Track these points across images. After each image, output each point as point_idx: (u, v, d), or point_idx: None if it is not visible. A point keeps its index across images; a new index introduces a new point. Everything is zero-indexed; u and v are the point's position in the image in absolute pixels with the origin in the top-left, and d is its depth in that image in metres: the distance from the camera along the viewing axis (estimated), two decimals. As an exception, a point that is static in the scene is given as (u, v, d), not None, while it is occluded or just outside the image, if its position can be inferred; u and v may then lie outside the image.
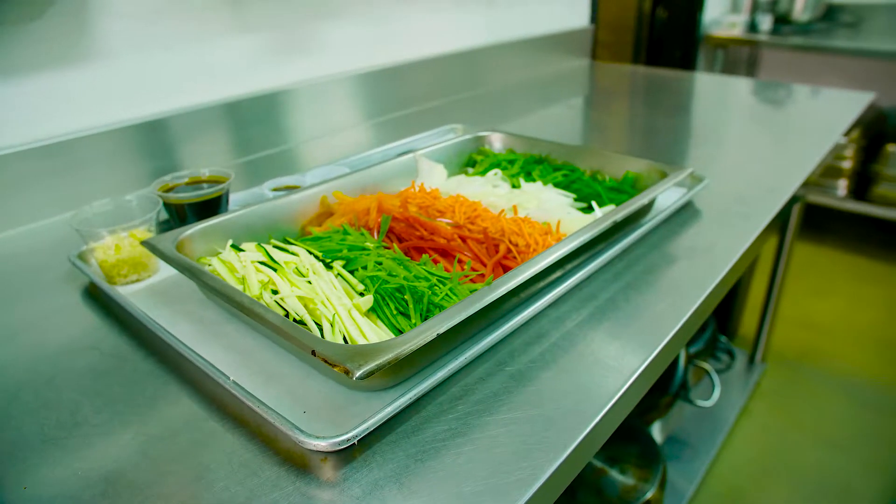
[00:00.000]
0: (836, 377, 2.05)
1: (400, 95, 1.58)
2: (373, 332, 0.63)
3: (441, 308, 0.64)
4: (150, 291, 0.78)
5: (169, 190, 0.87)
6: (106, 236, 0.76)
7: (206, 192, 0.85)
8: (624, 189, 0.95)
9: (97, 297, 0.78)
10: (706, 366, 1.72)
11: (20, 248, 0.91)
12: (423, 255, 0.75)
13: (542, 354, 0.64)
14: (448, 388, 0.60)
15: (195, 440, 0.55)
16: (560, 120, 1.56)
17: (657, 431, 1.68)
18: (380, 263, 0.72)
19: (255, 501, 0.48)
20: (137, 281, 0.79)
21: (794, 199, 1.07)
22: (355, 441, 0.52)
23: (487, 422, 0.55)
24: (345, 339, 0.61)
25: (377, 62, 1.49)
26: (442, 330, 0.55)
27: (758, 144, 1.32)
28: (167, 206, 0.85)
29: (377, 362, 0.50)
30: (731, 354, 2.01)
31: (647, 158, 0.97)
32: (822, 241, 2.87)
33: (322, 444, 0.51)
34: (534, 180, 1.01)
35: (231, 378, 0.58)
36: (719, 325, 2.08)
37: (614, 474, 1.25)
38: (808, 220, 2.83)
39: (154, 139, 1.10)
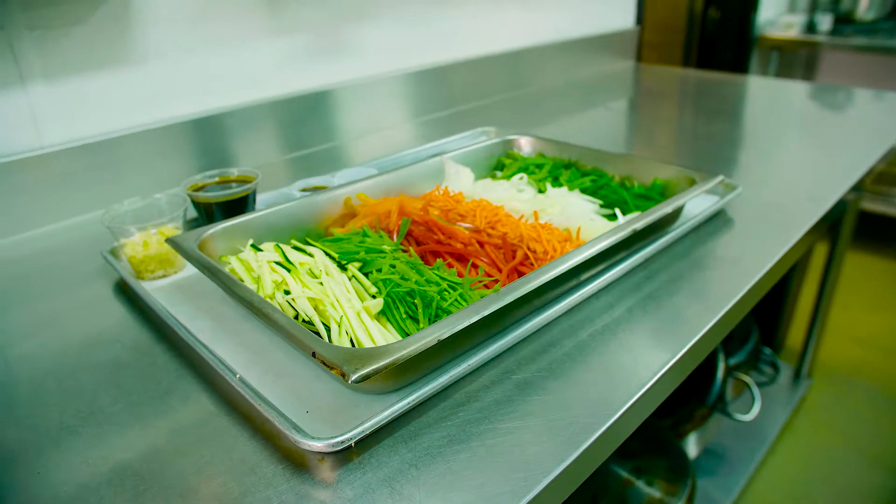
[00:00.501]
0: (887, 396, 1.95)
1: (442, 96, 1.59)
2: (380, 335, 0.63)
3: (449, 313, 0.64)
4: (174, 287, 0.80)
5: (199, 189, 0.90)
6: (135, 233, 0.79)
7: (233, 192, 0.87)
8: (652, 196, 0.93)
9: (125, 292, 0.81)
10: (746, 378, 1.67)
11: (60, 243, 0.96)
12: (438, 260, 0.75)
13: (551, 364, 0.63)
14: (451, 394, 0.60)
15: (201, 435, 0.57)
16: (599, 123, 1.53)
17: (692, 444, 1.64)
18: (393, 267, 0.72)
19: (249, 497, 0.49)
20: (164, 277, 0.82)
21: (839, 209, 1.03)
22: (352, 443, 0.53)
23: (487, 430, 0.55)
24: (352, 341, 0.62)
25: (416, 63, 1.50)
26: (443, 336, 0.55)
27: (806, 151, 1.27)
28: (196, 204, 0.88)
29: (373, 367, 0.51)
30: (776, 368, 1.94)
31: (687, 165, 0.95)
32: (879, 252, 2.74)
33: (317, 445, 0.51)
34: (560, 185, 0.99)
35: (238, 375, 0.59)
36: (764, 336, 2.01)
37: (640, 486, 1.22)
38: (865, 229, 2.71)
39: (195, 138, 1.14)
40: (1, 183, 0.94)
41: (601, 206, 0.94)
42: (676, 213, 0.87)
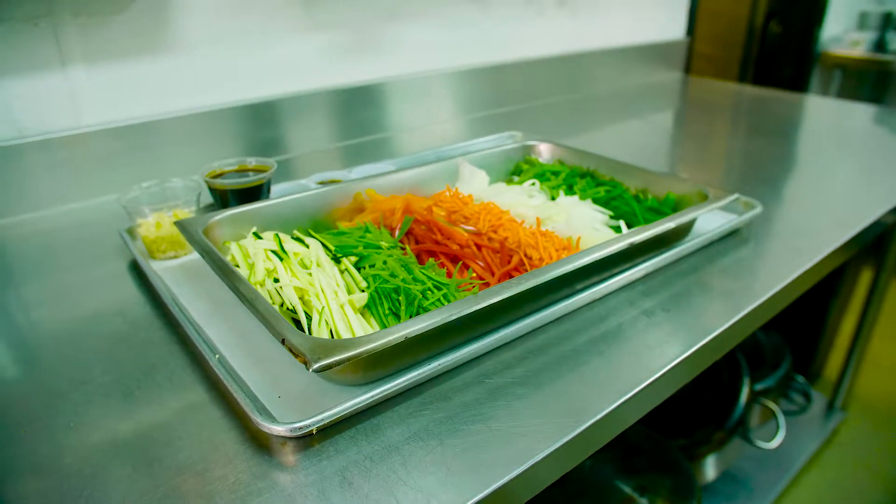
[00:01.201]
0: (930, 437, 1.85)
1: (488, 96, 1.60)
2: (361, 328, 0.64)
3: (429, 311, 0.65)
4: (182, 268, 0.84)
5: (217, 176, 0.93)
6: (148, 214, 0.83)
7: (247, 180, 0.90)
8: (663, 210, 0.91)
9: (137, 270, 0.85)
10: (772, 405, 1.61)
11: (89, 218, 1.01)
12: (430, 259, 0.76)
13: (528, 372, 0.63)
14: (422, 392, 0.61)
15: (177, 409, 0.59)
16: (635, 135, 1.51)
17: (710, 466, 1.59)
18: (385, 263, 0.73)
19: (208, 473, 0.51)
20: (175, 257, 0.85)
21: (871, 234, 0.99)
22: (313, 430, 0.54)
23: (448, 431, 0.55)
24: (332, 332, 0.63)
25: (456, 64, 1.51)
26: (410, 334, 0.56)
27: (850, 175, 1.22)
28: (212, 190, 0.91)
29: (335, 358, 0.52)
30: (808, 397, 1.86)
31: (717, 182, 0.93)
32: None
33: (277, 429, 0.53)
34: (574, 194, 0.99)
35: (217, 356, 0.62)
36: (799, 364, 1.94)
37: (643, 505, 1.20)
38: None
39: (229, 125, 1.18)
40: (39, 159, 0.99)
41: (612, 217, 0.93)
42: (684, 229, 0.86)
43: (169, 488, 0.50)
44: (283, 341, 0.55)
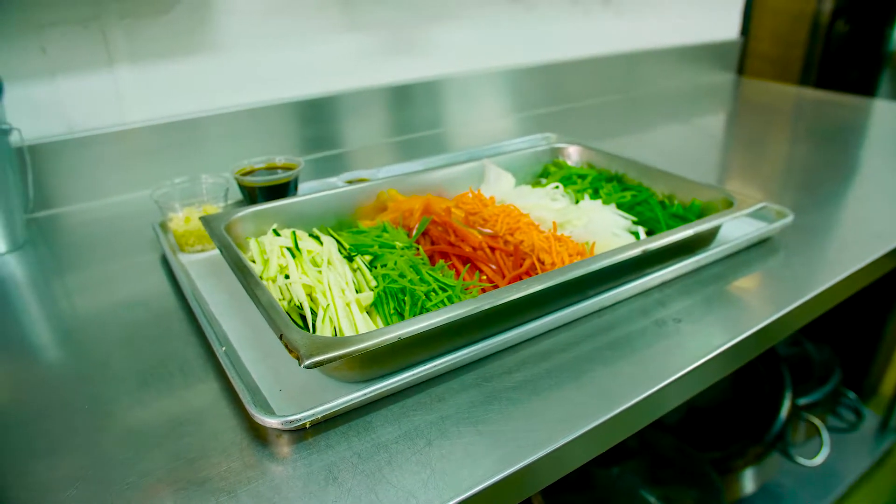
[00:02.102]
0: None
1: (526, 97, 1.60)
2: (365, 327, 0.66)
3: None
4: (207, 262, 0.87)
5: (247, 173, 0.97)
6: (178, 209, 0.87)
7: (273, 178, 0.93)
8: (688, 217, 0.89)
9: (166, 262, 0.89)
10: (816, 421, 1.55)
11: (130, 211, 1.06)
12: (440, 261, 0.76)
13: (529, 377, 0.63)
14: (417, 392, 0.61)
15: (184, 398, 0.62)
16: (679, 139, 1.47)
17: (748, 479, 1.54)
18: (396, 263, 0.75)
19: (203, 461, 0.54)
20: (202, 251, 0.89)
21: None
22: (306, 424, 0.56)
23: (437, 432, 0.56)
24: (336, 330, 0.65)
25: (493, 65, 1.51)
26: (404, 335, 0.56)
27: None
28: (241, 187, 0.95)
29: (326, 356, 0.53)
30: (859, 414, 1.78)
31: (763, 190, 0.90)
32: None
33: (269, 421, 0.55)
34: (600, 198, 0.97)
35: (223, 348, 0.64)
36: (851, 379, 1.85)
37: (667, 516, 1.18)
38: None
39: (274, 122, 1.22)
40: (86, 153, 1.05)
41: (634, 222, 0.91)
42: (705, 237, 0.83)
43: (164, 472, 0.52)
44: (280, 336, 0.57)
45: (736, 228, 0.91)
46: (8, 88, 0.96)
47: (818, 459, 1.48)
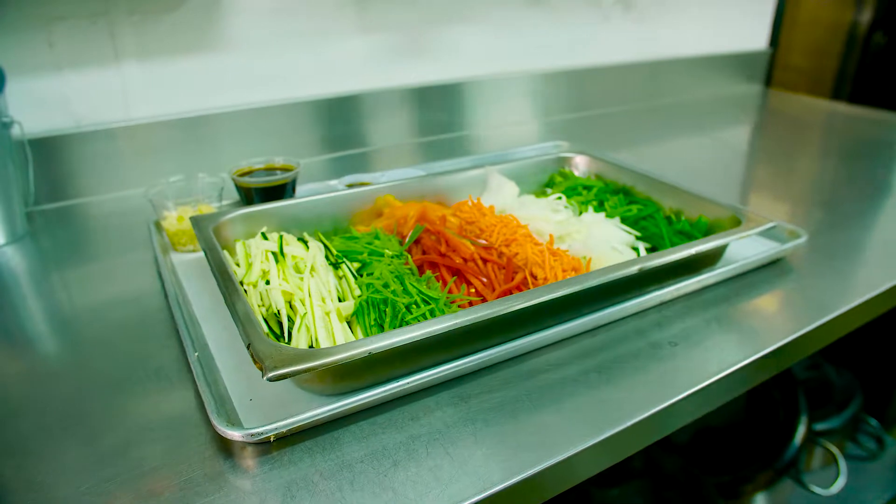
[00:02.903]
0: None
1: (540, 104, 1.57)
2: (342, 338, 0.64)
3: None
4: (197, 262, 0.86)
5: (245, 174, 0.96)
6: (171, 208, 0.86)
7: (269, 179, 0.92)
8: (693, 234, 0.85)
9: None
10: (833, 448, 1.49)
11: (132, 206, 1.06)
12: (427, 272, 0.74)
13: (506, 400, 0.60)
14: (390, 408, 0.59)
15: (156, 403, 0.60)
16: (697, 152, 1.43)
17: (760, 505, 1.49)
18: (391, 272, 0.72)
19: (164, 469, 0.52)
20: (194, 251, 0.88)
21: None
22: (270, 437, 0.54)
23: (404, 454, 0.54)
24: (314, 340, 0.63)
25: (509, 70, 1.48)
26: (374, 350, 0.54)
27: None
28: (238, 188, 0.94)
29: (290, 369, 0.51)
30: (881, 443, 1.70)
31: (781, 209, 0.86)
32: None
33: (230, 433, 0.53)
34: (604, 211, 0.94)
35: (196, 354, 0.63)
36: (873, 405, 1.78)
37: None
38: None
39: (278, 122, 1.22)
40: (91, 148, 1.06)
41: (638, 237, 0.88)
42: (708, 256, 0.80)
43: (123, 480, 0.51)
44: (248, 346, 0.55)
45: (746, 247, 0.87)
46: (15, 81, 0.96)
47: (834, 489, 1.43)
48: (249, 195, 0.93)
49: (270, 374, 0.51)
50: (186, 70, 1.11)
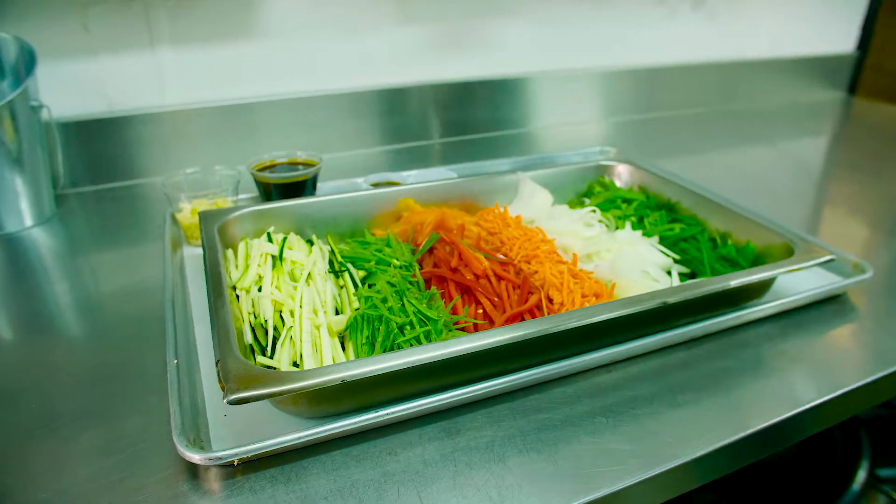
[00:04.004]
0: None
1: (593, 104, 1.49)
2: (331, 355, 0.60)
3: (401, 349, 0.58)
4: (207, 258, 0.84)
5: (266, 167, 0.93)
6: (185, 200, 0.84)
7: (287, 176, 0.88)
8: (739, 262, 0.76)
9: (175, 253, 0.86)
10: (897, 499, 1.35)
11: (162, 194, 1.05)
12: (432, 287, 0.69)
13: (495, 440, 0.54)
14: (368, 439, 0.55)
15: (129, 410, 0.58)
16: (762, 163, 1.31)
17: (806, 554, 1.37)
18: (391, 285, 0.68)
19: (124, 484, 0.49)
20: (207, 246, 0.86)
21: None
22: (234, 462, 0.51)
23: (372, 494, 0.49)
24: (298, 356, 0.59)
25: (557, 67, 1.40)
26: (348, 378, 0.50)
27: None
28: (256, 182, 0.91)
29: (253, 392, 0.47)
30: (954, 496, 1.54)
31: (847, 236, 0.77)
32: None
33: (189, 455, 0.49)
34: (643, 228, 0.86)
35: (175, 361, 0.60)
36: (949, 453, 1.61)
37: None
38: None
39: (312, 113, 1.19)
40: (124, 133, 1.05)
41: (677, 261, 0.80)
42: (750, 290, 0.71)
43: (80, 492, 0.49)
44: (217, 362, 0.51)
45: (801, 280, 0.78)
46: (50, 64, 0.96)
47: (894, 543, 1.29)
48: (268, 190, 0.90)
49: (231, 398, 0.47)
50: (222, 57, 1.09)
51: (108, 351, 0.66)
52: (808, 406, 0.59)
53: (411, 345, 0.59)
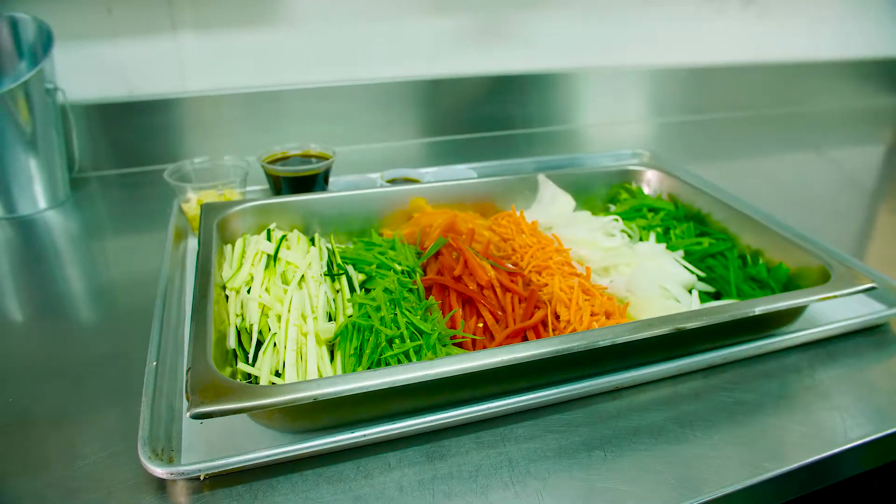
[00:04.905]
0: None
1: (631, 103, 1.43)
2: (316, 364, 0.57)
3: (388, 364, 0.55)
4: (211, 251, 0.82)
5: (278, 159, 0.90)
6: (189, 192, 0.82)
7: (297, 169, 0.86)
8: (768, 284, 0.70)
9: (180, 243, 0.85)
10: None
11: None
12: (430, 297, 0.65)
13: (480, 468, 0.51)
14: (344, 459, 0.51)
15: (103, 411, 0.56)
16: (808, 173, 1.23)
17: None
18: (388, 292, 0.64)
19: (91, 489, 0.48)
20: (213, 238, 0.84)
21: None
22: (200, 476, 0.48)
23: (342, 520, 0.46)
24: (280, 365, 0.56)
25: (598, 63, 1.34)
26: (320, 397, 0.46)
27: None
28: (267, 175, 0.88)
29: (218, 407, 0.45)
30: None
31: (888, 259, 0.71)
32: None
33: (152, 468, 0.47)
34: (668, 240, 0.81)
35: (154, 363, 0.57)
36: None
37: None
38: None
39: (337, 103, 1.16)
40: (144, 118, 1.04)
41: (702, 278, 0.74)
42: (778, 317, 0.65)
43: (35, 500, 0.47)
44: (187, 371, 0.49)
45: (839, 307, 0.71)
46: (72, 47, 0.96)
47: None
48: (277, 183, 0.87)
49: (193, 412, 0.44)
50: (245, 44, 1.07)
51: (97, 345, 0.65)
52: (834, 452, 0.54)
53: (399, 360, 0.55)
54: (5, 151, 0.86)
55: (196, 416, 0.44)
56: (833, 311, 0.71)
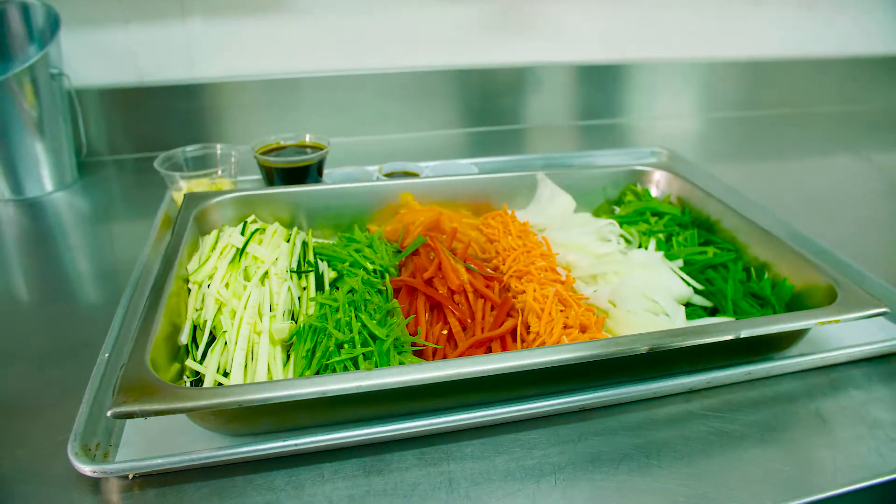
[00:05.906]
0: None
1: (663, 99, 1.36)
2: (265, 366, 0.55)
3: (335, 370, 0.53)
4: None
5: (272, 150, 0.89)
6: (180, 181, 0.81)
7: (289, 160, 0.84)
8: (770, 302, 0.65)
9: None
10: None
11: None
12: (393, 301, 0.62)
13: (420, 487, 0.48)
14: (277, 467, 0.49)
15: (56, 400, 0.56)
16: (840, 177, 1.14)
17: None
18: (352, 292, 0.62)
19: (23, 482, 0.47)
20: (201, 227, 0.83)
21: None
22: (129, 476, 0.47)
23: (261, 532, 0.44)
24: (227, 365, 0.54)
25: (621, 56, 1.28)
26: (246, 403, 0.44)
27: None
28: (259, 165, 0.87)
29: (137, 408, 0.43)
30: None
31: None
32: None
33: (79, 466, 0.46)
34: (670, 248, 0.76)
35: (107, 355, 0.57)
36: None
37: None
38: None
39: (348, 92, 1.14)
40: (152, 105, 1.05)
41: (698, 291, 0.69)
42: (772, 341, 0.59)
43: (-34, 491, 0.47)
44: (121, 367, 0.48)
45: (848, 330, 0.65)
46: (82, 32, 0.97)
47: None
48: (270, 174, 0.86)
49: (113, 411, 0.43)
50: (255, 31, 1.06)
51: (70, 334, 0.65)
52: (810, 499, 0.48)
53: (346, 367, 0.53)
54: (12, 134, 0.88)
55: (116, 416, 0.43)
56: (842, 334, 0.65)
